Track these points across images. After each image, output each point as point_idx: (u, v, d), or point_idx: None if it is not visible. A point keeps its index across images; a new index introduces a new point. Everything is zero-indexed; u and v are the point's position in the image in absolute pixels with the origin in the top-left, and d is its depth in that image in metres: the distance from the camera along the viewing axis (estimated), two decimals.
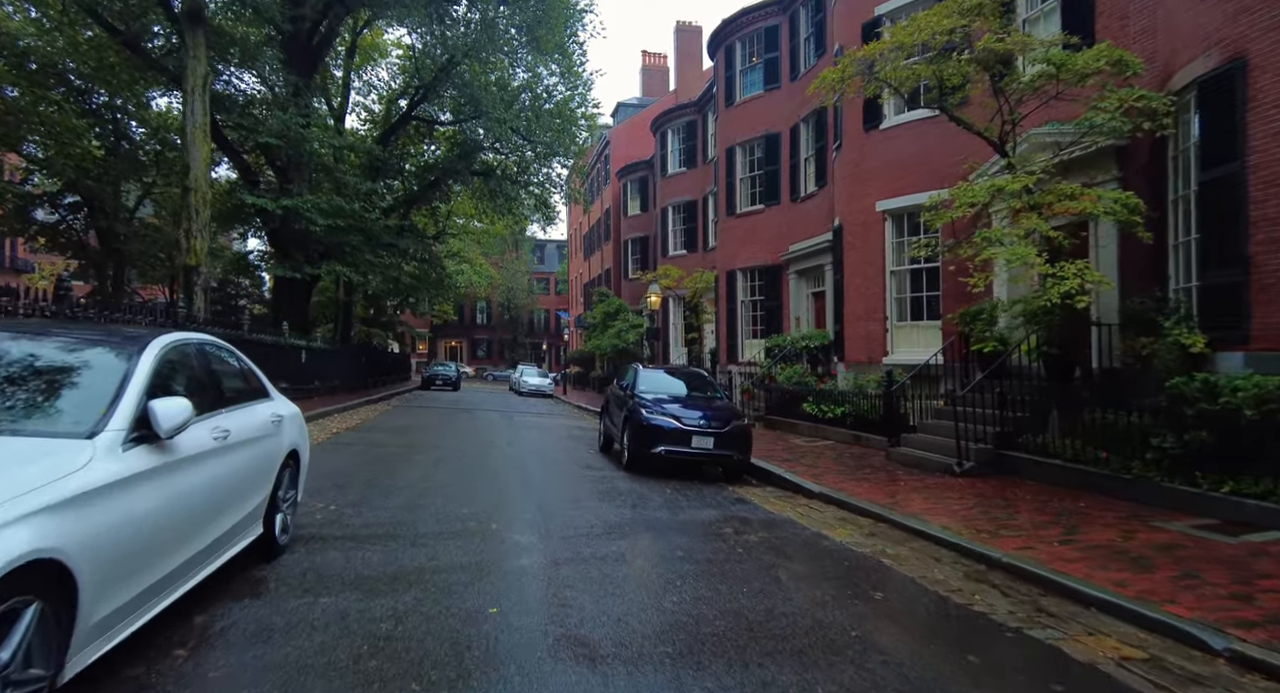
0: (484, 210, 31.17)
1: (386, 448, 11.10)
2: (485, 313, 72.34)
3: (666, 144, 28.89)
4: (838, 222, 14.97)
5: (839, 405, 13.30)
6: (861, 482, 9.10)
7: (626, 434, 10.33)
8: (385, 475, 8.46)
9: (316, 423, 13.90)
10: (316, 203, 19.65)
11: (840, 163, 14.94)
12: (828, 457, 11.32)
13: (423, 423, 16.16)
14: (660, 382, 11.56)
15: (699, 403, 10.62)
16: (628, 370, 12.55)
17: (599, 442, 12.94)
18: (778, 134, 19.52)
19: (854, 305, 14.04)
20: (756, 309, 20.43)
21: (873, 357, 13.45)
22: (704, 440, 9.72)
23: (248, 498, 4.02)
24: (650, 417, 9.94)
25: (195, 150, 16.51)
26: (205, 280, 16.89)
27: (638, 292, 34.97)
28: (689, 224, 27.72)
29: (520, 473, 9.44)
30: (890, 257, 13.25)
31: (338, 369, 22.49)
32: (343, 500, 6.85)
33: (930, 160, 12.54)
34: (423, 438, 12.88)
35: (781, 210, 19.48)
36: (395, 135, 27.10)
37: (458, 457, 10.61)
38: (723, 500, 8.30)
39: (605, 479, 9.33)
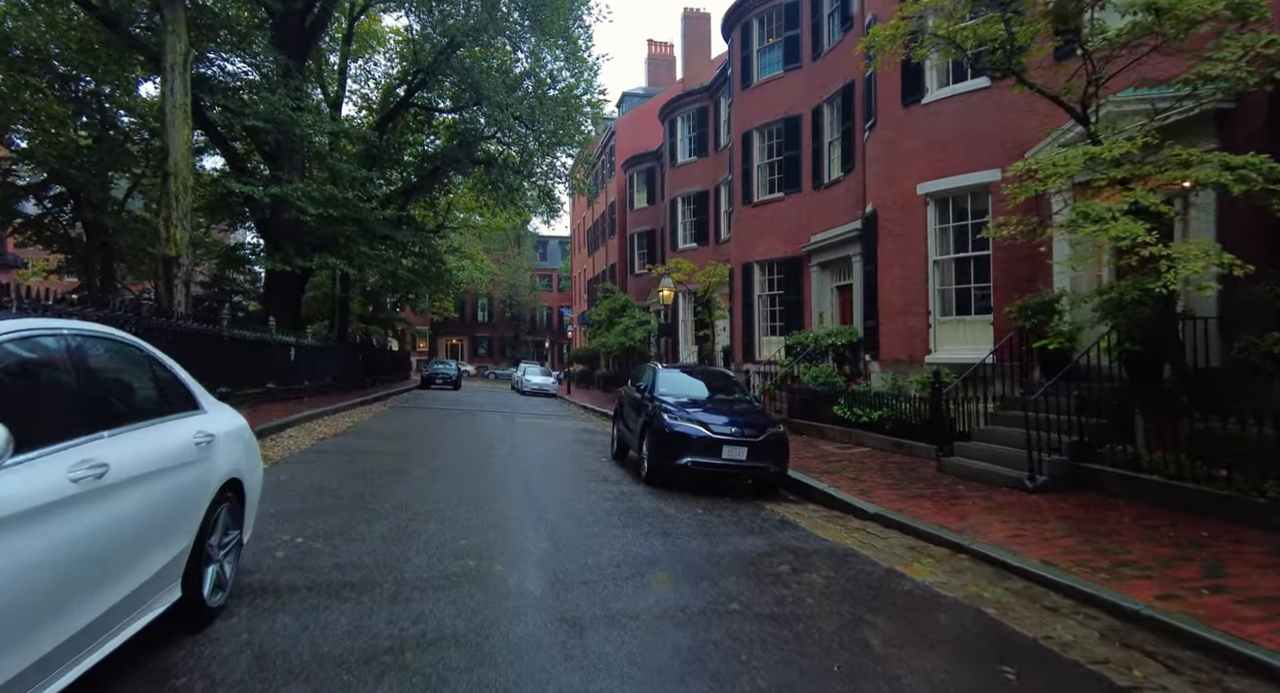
0: (485, 203, 29.99)
1: (376, 457, 9.91)
2: (487, 310, 71.16)
3: (676, 132, 27.64)
4: (870, 208, 13.75)
5: (876, 409, 12.10)
6: (919, 499, 7.90)
7: (646, 443, 9.13)
8: (370, 494, 7.27)
9: (301, 427, 12.72)
10: (307, 191, 18.46)
11: (874, 143, 13.72)
12: (870, 467, 10.12)
13: (419, 426, 14.98)
14: (682, 383, 10.36)
15: (727, 407, 9.42)
16: (644, 370, 11.35)
17: (611, 448, 11.76)
18: (798, 117, 18.30)
19: (891, 299, 12.83)
20: (775, 304, 19.22)
21: (914, 355, 12.24)
22: (736, 451, 8.52)
23: (148, 556, 2.83)
24: (674, 423, 8.75)
25: (175, 132, 15.34)
26: (187, 273, 15.71)
27: (644, 287, 33.77)
28: (700, 216, 26.49)
29: (526, 488, 8.25)
30: (933, 244, 12.04)
31: (331, 368, 21.32)
32: (315, 529, 5.66)
33: (978, 137, 11.33)
34: (418, 444, 11.70)
35: (802, 198, 18.26)
36: (392, 123, 25.89)
37: (456, 467, 9.42)
38: (764, 524, 7.10)
39: (623, 496, 8.14)
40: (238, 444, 3.94)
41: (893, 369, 12.50)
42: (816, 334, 17.13)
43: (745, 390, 10.49)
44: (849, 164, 16.23)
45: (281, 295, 22.82)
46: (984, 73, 10.73)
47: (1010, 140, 10.96)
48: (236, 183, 17.60)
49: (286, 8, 19.89)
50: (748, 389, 10.72)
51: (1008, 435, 9.37)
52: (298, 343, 17.54)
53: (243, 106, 17.48)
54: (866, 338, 14.09)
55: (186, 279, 15.67)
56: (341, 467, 8.85)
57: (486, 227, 38.13)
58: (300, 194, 18.29)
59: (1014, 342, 10.11)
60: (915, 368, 12.14)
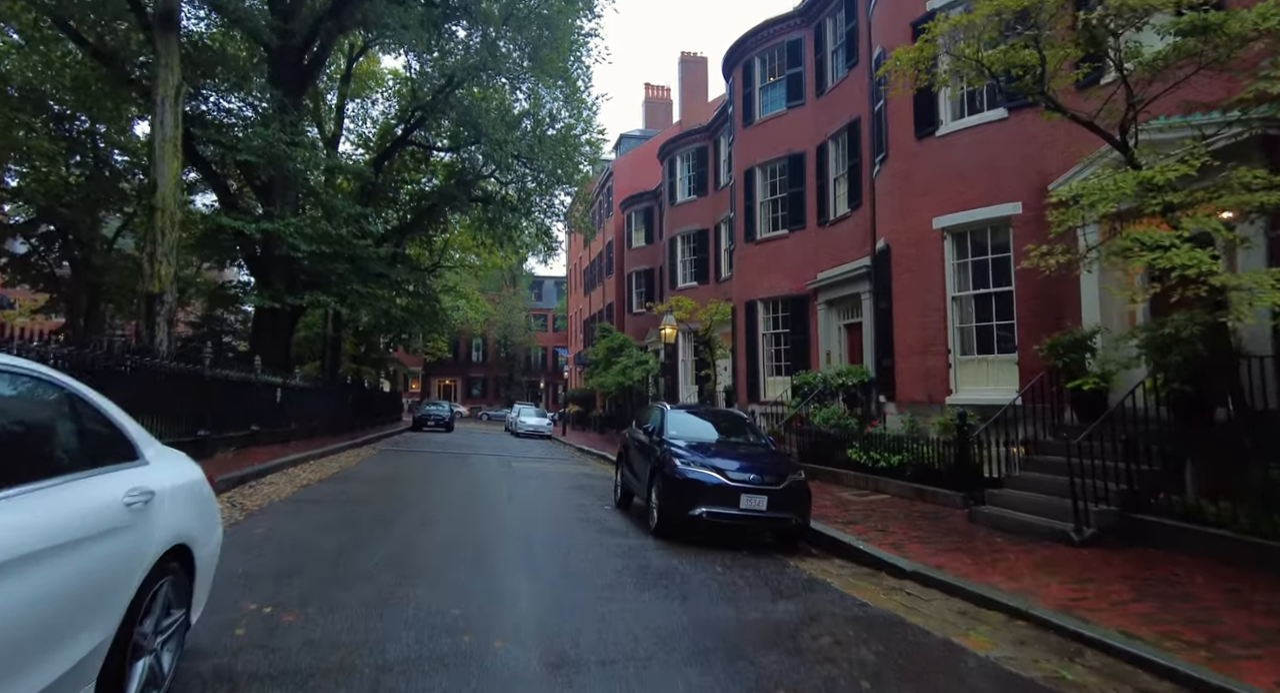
0: (482, 241, 29.62)
1: (362, 506, 9.15)
2: (481, 350, 70.50)
3: (675, 171, 27.46)
4: (883, 243, 13.30)
5: (895, 453, 11.43)
6: (957, 553, 7.19)
7: (655, 490, 8.43)
8: (354, 549, 6.53)
9: (284, 472, 11.95)
10: (300, 226, 17.98)
11: (885, 177, 13.34)
12: (894, 517, 9.41)
13: (410, 471, 14.20)
14: (692, 425, 9.69)
15: (742, 451, 8.74)
16: (650, 411, 10.69)
17: (615, 496, 11.02)
18: (802, 154, 18.02)
19: (908, 337, 12.27)
20: (780, 343, 18.66)
21: (933, 395, 11.63)
22: (755, 500, 7.82)
23: (39, 661, 2.14)
24: (686, 470, 8.06)
25: (164, 166, 14.87)
26: (170, 310, 15.08)
27: (642, 327, 33.27)
28: (700, 254, 26.12)
29: (526, 543, 7.51)
30: (952, 280, 11.53)
31: (319, 409, 20.55)
32: (286, 595, 4.92)
33: (997, 170, 10.93)
34: (407, 491, 10.93)
35: (807, 236, 17.86)
36: (389, 160, 25.62)
37: (447, 518, 8.67)
38: (792, 584, 6.38)
39: (632, 551, 7.41)
40: (188, 503, 3.26)
41: (910, 411, 11.87)
42: (825, 374, 16.54)
43: (760, 433, 9.82)
44: (856, 200, 15.86)
45: (271, 335, 22.16)
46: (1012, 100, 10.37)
47: (1030, 172, 10.56)
48: (226, 217, 17.11)
49: (284, 44, 19.68)
50: (761, 432, 10.04)
51: (1043, 483, 8.71)
52: (284, 384, 16.82)
53: (236, 142, 17.05)
54: (880, 378, 13.49)
55: (170, 317, 15.03)
56: (324, 517, 8.10)
57: (483, 266, 37.79)
58: (292, 230, 17.80)
59: (1044, 382, 9.52)
60: (935, 409, 11.52)
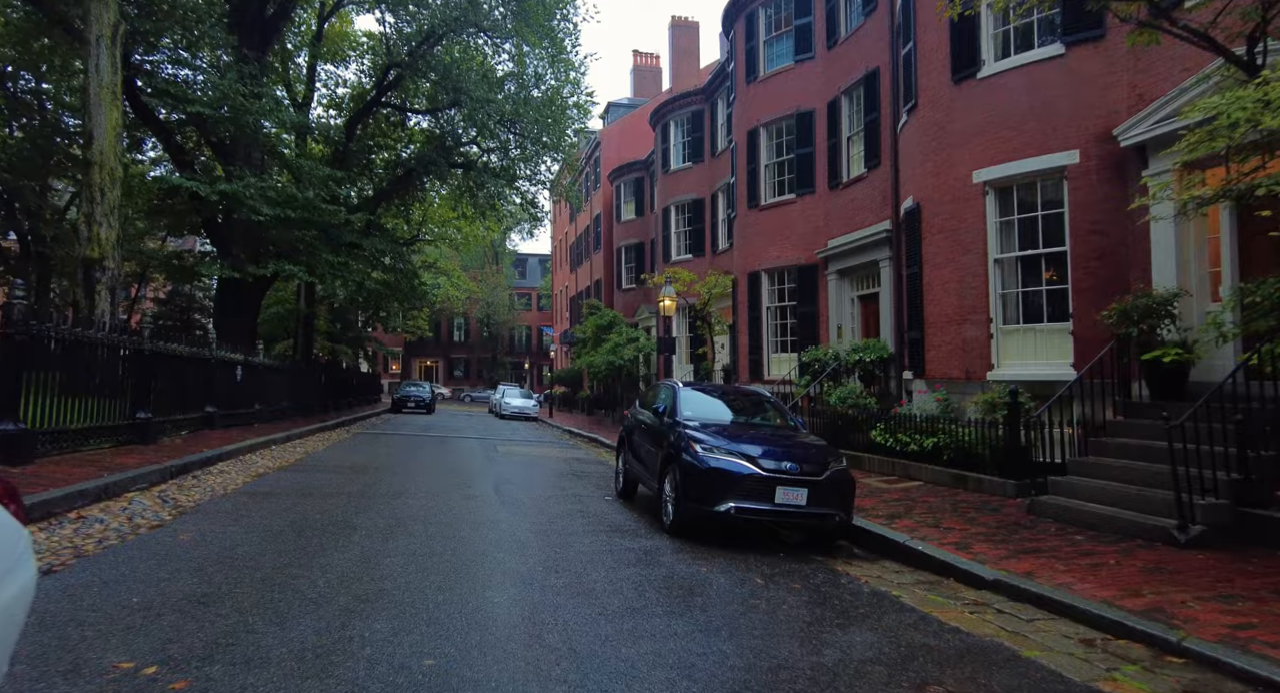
0: (463, 212, 28.00)
1: (323, 501, 7.76)
2: (463, 330, 68.75)
3: (669, 137, 25.93)
4: (910, 203, 11.97)
5: (928, 435, 10.20)
6: (1038, 556, 5.96)
7: (671, 481, 7.12)
8: (300, 562, 5.16)
9: (239, 460, 10.50)
10: (262, 189, 16.34)
11: (914, 129, 11.99)
12: (940, 508, 8.18)
13: (384, 457, 12.80)
14: (710, 405, 8.38)
15: (773, 436, 7.44)
16: (658, 390, 9.36)
17: (616, 484, 9.71)
18: (811, 111, 16.62)
19: (941, 306, 11.00)
20: (786, 317, 17.37)
21: (971, 371, 10.39)
22: (793, 493, 6.53)
23: None
24: (710, 457, 6.74)
25: (100, 115, 13.21)
26: (113, 278, 13.51)
27: (633, 304, 31.88)
28: (695, 225, 24.69)
29: (518, 549, 6.17)
30: (994, 241, 10.25)
31: (288, 390, 19.02)
32: (185, 643, 3.54)
33: (1050, 114, 9.61)
34: (379, 482, 9.54)
35: (816, 200, 16.51)
36: (362, 123, 23.84)
37: (423, 516, 7.30)
38: (854, 601, 5.11)
39: (648, 555, 6.11)
40: None
41: (946, 388, 10.63)
42: (837, 350, 15.29)
43: (787, 413, 8.51)
44: (874, 159, 14.51)
45: (236, 310, 20.54)
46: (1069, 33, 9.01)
47: (1089, 117, 9.26)
48: (179, 178, 15.43)
49: None
50: (789, 412, 8.74)
51: (1120, 469, 7.50)
52: (246, 361, 15.29)
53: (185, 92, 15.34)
54: (907, 352, 12.23)
55: (113, 286, 13.46)
56: (272, 517, 6.70)
57: (464, 241, 36.06)
58: (253, 193, 16.17)
59: (1113, 354, 8.29)
60: (974, 386, 10.29)
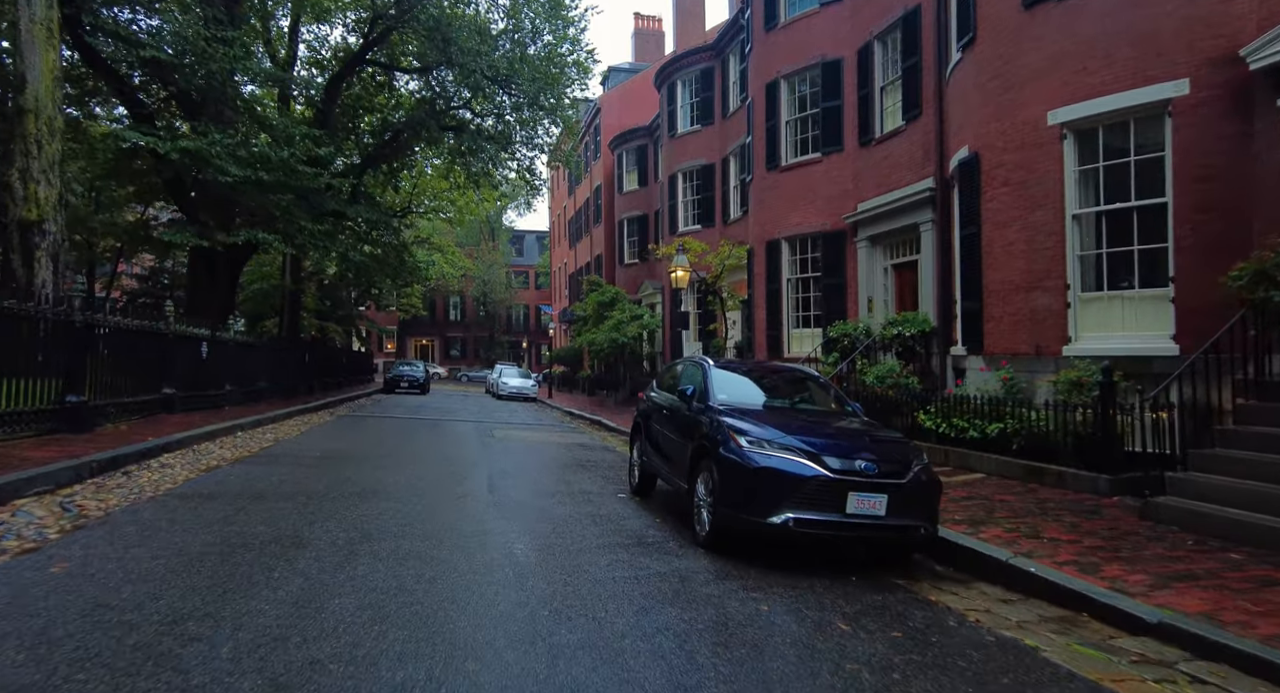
0: (456, 183, 26.33)
1: (272, 508, 6.29)
2: (459, 308, 67.14)
3: (676, 98, 24.19)
4: (966, 153, 10.40)
5: (992, 420, 8.75)
6: (1201, 586, 4.52)
7: (706, 482, 5.66)
8: (199, 618, 3.67)
9: (191, 449, 9.01)
10: (230, 147, 14.70)
11: (971, 67, 10.39)
12: (1026, 510, 6.74)
13: (364, 445, 11.35)
14: (747, 387, 6.90)
15: (830, 425, 5.97)
16: (681, 369, 7.88)
17: (631, 480, 8.27)
18: (838, 60, 14.96)
19: (1004, 271, 9.49)
20: (809, 289, 15.86)
21: (1043, 345, 8.91)
22: (870, 500, 5.06)
23: None
24: (758, 454, 5.26)
25: (34, 56, 11.57)
26: (55, 243, 11.94)
27: (635, 279, 30.36)
28: (704, 193, 23.05)
29: (516, 581, 4.69)
30: (1073, 194, 8.71)
31: (265, 369, 17.55)
32: None
33: (1149, 37, 8.01)
34: (348, 478, 8.08)
35: (844, 159, 14.92)
36: (346, 81, 22.07)
37: (396, 527, 5.84)
38: (984, 659, 3.66)
39: (685, 583, 4.67)
40: None
41: (1013, 366, 9.14)
42: (868, 324, 13.82)
43: (844, 399, 7.03)
44: (914, 110, 12.91)
45: (209, 283, 18.98)
46: None
47: (1204, 35, 7.69)
48: (134, 132, 13.76)
49: None
50: (845, 397, 7.25)
51: (1265, 466, 6.05)
52: (214, 337, 13.78)
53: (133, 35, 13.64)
54: (961, 325, 10.72)
55: (55, 252, 11.89)
56: (198, 533, 5.23)
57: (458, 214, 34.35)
58: (220, 150, 14.53)
59: (1245, 323, 6.80)
60: (1044, 363, 8.82)
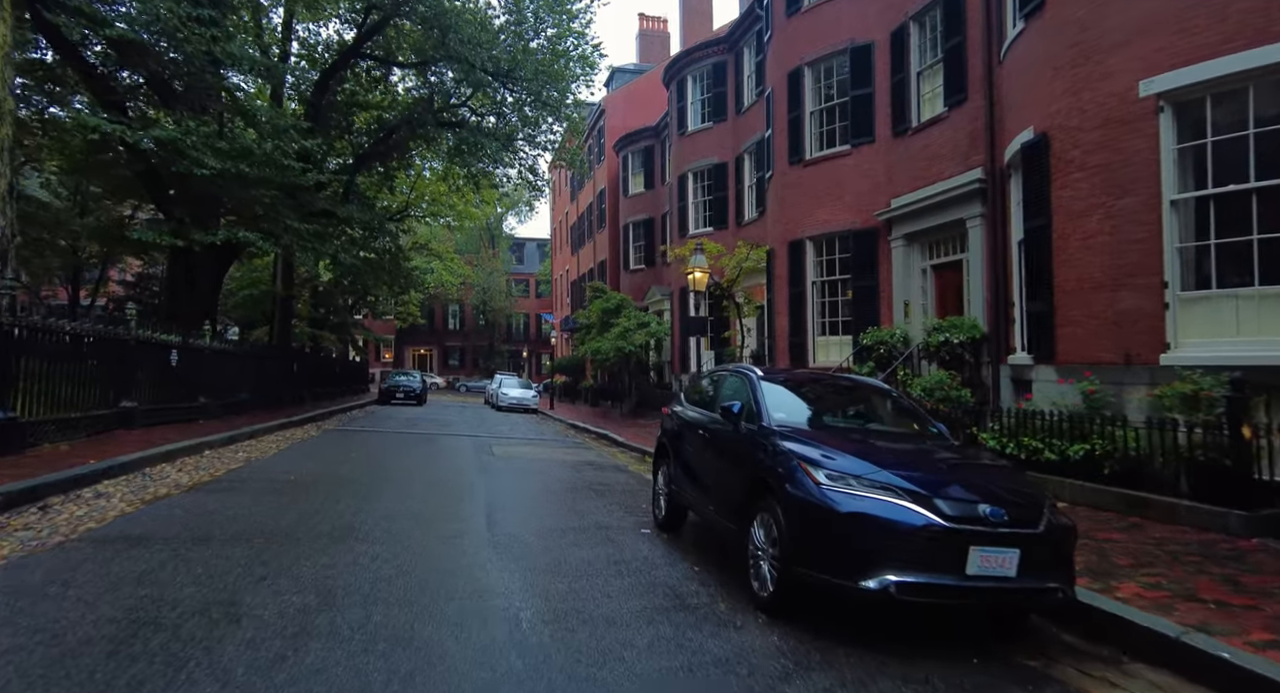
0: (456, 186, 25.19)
1: (212, 557, 5.00)
2: (458, 317, 65.89)
3: (686, 94, 23.03)
4: (1030, 135, 9.17)
5: (1075, 441, 7.49)
6: None
7: (768, 527, 4.37)
8: None
9: (143, 473, 7.71)
10: (207, 136, 13.49)
11: (1036, 38, 9.17)
12: (1149, 554, 5.45)
13: (348, 465, 10.06)
14: (803, 403, 5.63)
15: (924, 453, 4.70)
16: (718, 381, 6.60)
17: (656, 510, 6.99)
18: (868, 44, 13.79)
19: (1082, 268, 8.24)
20: (835, 293, 14.62)
21: (1134, 353, 7.64)
22: (998, 556, 3.76)
23: None
24: (842, 494, 3.97)
25: None
26: (4, 239, 10.72)
27: (641, 285, 29.15)
28: (716, 193, 21.85)
29: (531, 675, 3.42)
30: (1170, 176, 7.47)
31: (248, 379, 16.28)
32: None
33: None
34: (322, 510, 6.79)
35: (876, 151, 13.72)
36: (339, 75, 20.92)
37: (368, 587, 4.54)
38: None
39: (754, 676, 3.38)
40: None
41: (1098, 377, 7.87)
42: (905, 330, 12.59)
43: (924, 416, 5.76)
44: (958, 94, 11.71)
45: (188, 286, 17.73)
46: None
47: None
48: (100, 119, 12.53)
49: None
50: (927, 415, 5.97)
51: None
52: (186, 344, 12.52)
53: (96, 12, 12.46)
54: (1028, 330, 9.42)
55: (3, 249, 10.68)
56: (100, 600, 3.93)
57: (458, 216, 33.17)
58: (197, 140, 13.31)
59: None
60: (1136, 374, 7.56)
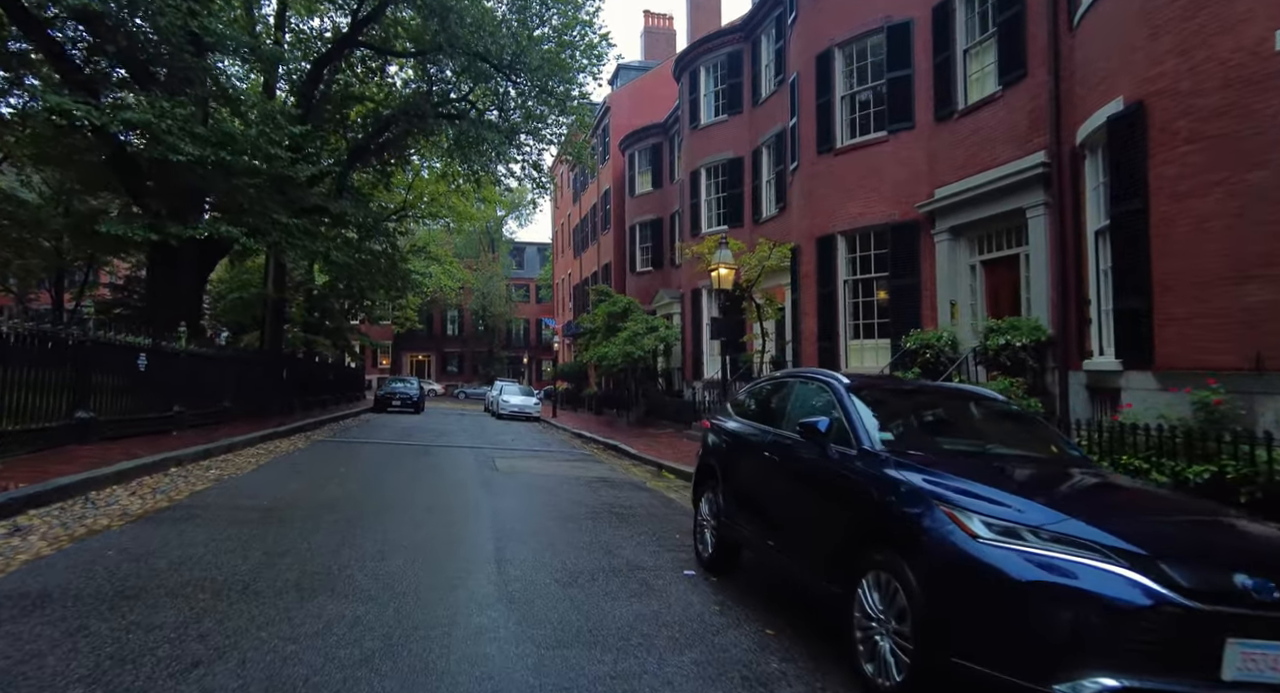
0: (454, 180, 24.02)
1: (126, 626, 3.74)
2: (457, 323, 64.63)
3: (698, 86, 21.87)
4: (1118, 107, 7.98)
5: (1195, 461, 6.27)
6: None
7: (887, 591, 3.14)
8: None
9: (84, 498, 6.44)
10: (181, 118, 12.28)
11: None
12: None
13: (334, 485, 8.79)
14: (905, 421, 4.41)
15: (1098, 488, 3.48)
16: (781, 388, 5.37)
17: (701, 544, 5.75)
18: (907, 22, 12.66)
19: (1191, 258, 7.05)
20: (869, 293, 13.43)
21: (1265, 357, 6.43)
22: (1272, 656, 2.57)
23: None
24: (1011, 554, 2.73)
25: None
26: None
27: (648, 288, 27.99)
28: (732, 189, 20.67)
29: None
30: None
31: (231, 386, 15.03)
32: None
33: None
34: (294, 546, 5.53)
35: (916, 137, 12.56)
36: (333, 64, 19.77)
37: (340, 679, 3.31)
38: None
39: None
40: None
41: (1231, 385, 6.63)
42: (953, 333, 11.40)
43: (1060, 436, 4.53)
44: (1016, 70, 10.55)
45: (168, 286, 16.53)
46: None
47: None
48: (62, 97, 11.29)
49: None
50: (1058, 432, 4.74)
51: None
52: (158, 348, 11.28)
53: None
54: (1118, 330, 8.20)
55: None
56: None
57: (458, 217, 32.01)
58: (172, 124, 12.11)
59: None
60: (1271, 382, 6.35)
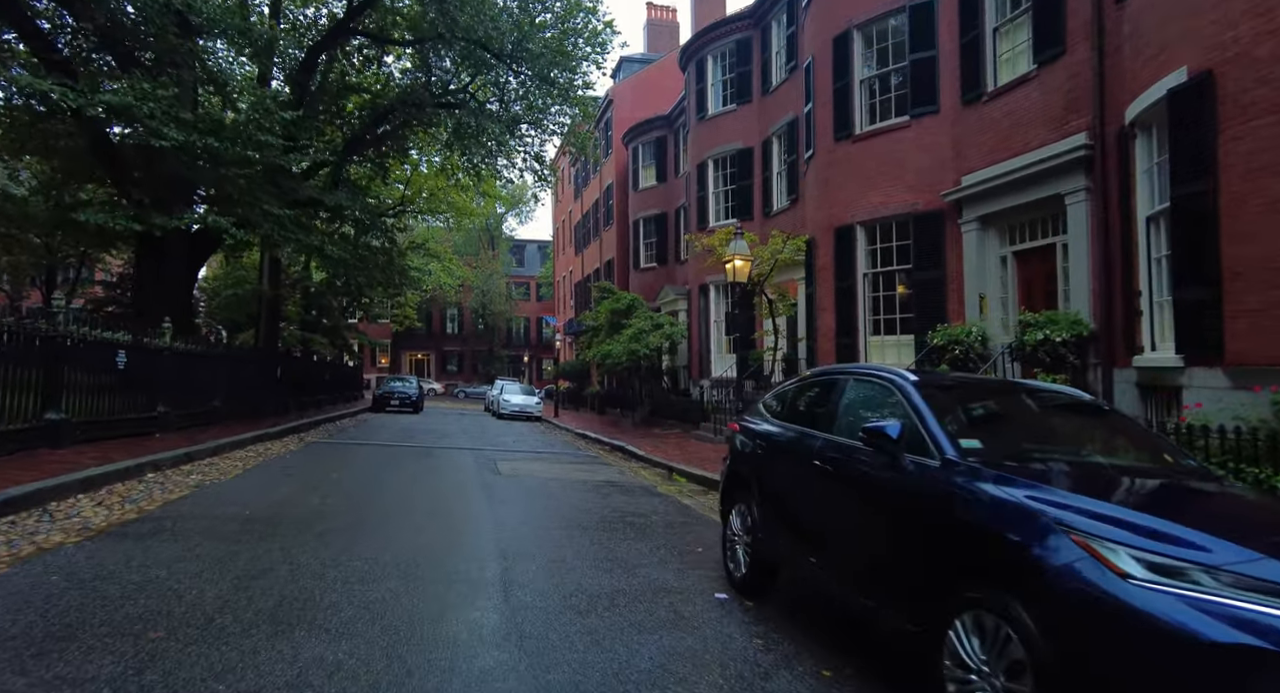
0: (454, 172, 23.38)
1: (56, 679, 3.14)
2: (457, 321, 63.96)
3: (705, 75, 21.19)
4: (1180, 79, 7.32)
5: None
6: None
7: (994, 639, 2.49)
8: None
9: (43, 509, 5.79)
10: (164, 100, 11.61)
11: None
12: None
13: (324, 491, 8.12)
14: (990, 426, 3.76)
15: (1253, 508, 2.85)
16: (828, 386, 4.71)
17: (729, 566, 5.10)
18: (930, 2, 12.01)
19: (1268, 243, 6.39)
20: (889, 286, 12.78)
21: None
22: None
23: None
24: (1189, 601, 2.10)
25: None
26: None
27: (652, 285, 27.32)
28: (741, 182, 20.00)
29: None
30: None
31: (221, 385, 14.36)
32: None
33: None
34: (273, 568, 4.88)
35: (941, 122, 11.91)
36: (327, 52, 19.09)
37: None
38: None
39: None
40: None
41: None
42: (981, 328, 10.74)
43: (1167, 442, 3.89)
44: (1054, 47, 9.88)
45: (155, 281, 15.85)
46: None
47: None
48: (34, 77, 10.62)
49: None
50: (1168, 440, 4.09)
51: None
52: (139, 344, 10.62)
53: None
54: (1179, 323, 7.51)
55: None
56: None
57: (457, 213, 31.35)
58: (155, 107, 11.44)
59: None
60: None
